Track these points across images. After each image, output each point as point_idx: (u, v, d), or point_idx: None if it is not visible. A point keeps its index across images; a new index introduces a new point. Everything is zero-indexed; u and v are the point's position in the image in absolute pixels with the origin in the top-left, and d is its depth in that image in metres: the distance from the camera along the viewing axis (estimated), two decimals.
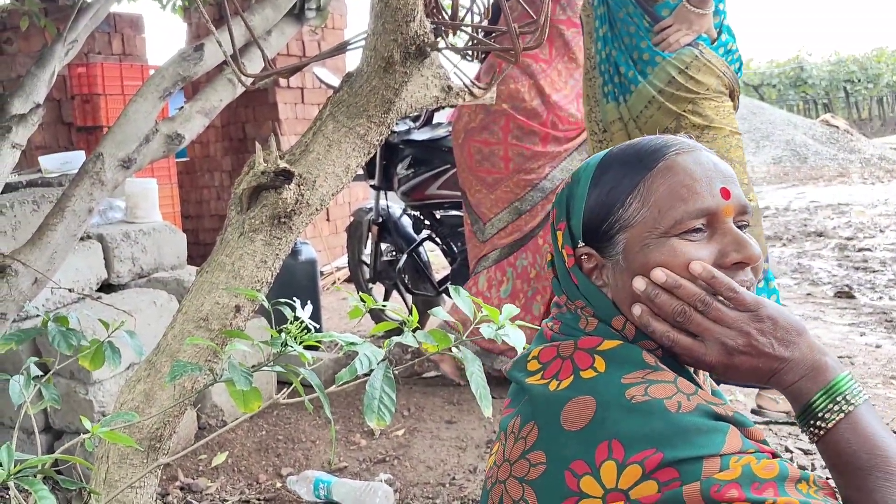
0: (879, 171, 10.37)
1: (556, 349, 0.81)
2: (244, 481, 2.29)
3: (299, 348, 1.08)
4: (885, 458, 0.69)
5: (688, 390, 0.73)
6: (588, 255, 0.84)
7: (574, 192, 0.86)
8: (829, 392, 0.73)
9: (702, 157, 0.82)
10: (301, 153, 1.35)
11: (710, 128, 2.37)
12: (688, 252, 0.78)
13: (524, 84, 2.61)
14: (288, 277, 3.43)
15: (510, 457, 0.78)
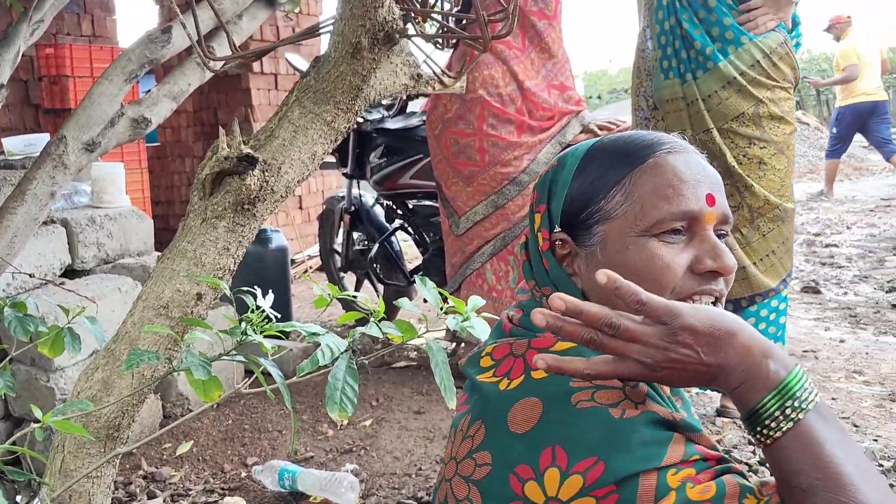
0: (847, 169, 10.52)
1: (509, 346, 0.80)
2: (209, 470, 2.26)
3: (259, 337, 1.06)
4: (827, 482, 0.63)
5: (635, 397, 0.71)
6: (563, 242, 0.83)
7: (558, 177, 0.85)
8: (775, 398, 0.66)
9: (692, 160, 0.81)
10: (266, 139, 1.32)
11: (783, 120, 2.29)
12: (663, 255, 0.76)
13: (498, 70, 2.58)
14: (258, 265, 3.40)
15: (457, 455, 0.77)
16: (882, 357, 3.08)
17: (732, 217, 0.82)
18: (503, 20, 1.35)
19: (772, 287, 2.33)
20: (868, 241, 5.68)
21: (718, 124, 2.25)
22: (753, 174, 2.26)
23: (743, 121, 2.24)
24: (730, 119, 2.24)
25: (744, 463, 2.04)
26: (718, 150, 2.25)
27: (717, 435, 2.27)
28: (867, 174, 9.91)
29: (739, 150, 2.25)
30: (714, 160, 2.27)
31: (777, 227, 2.32)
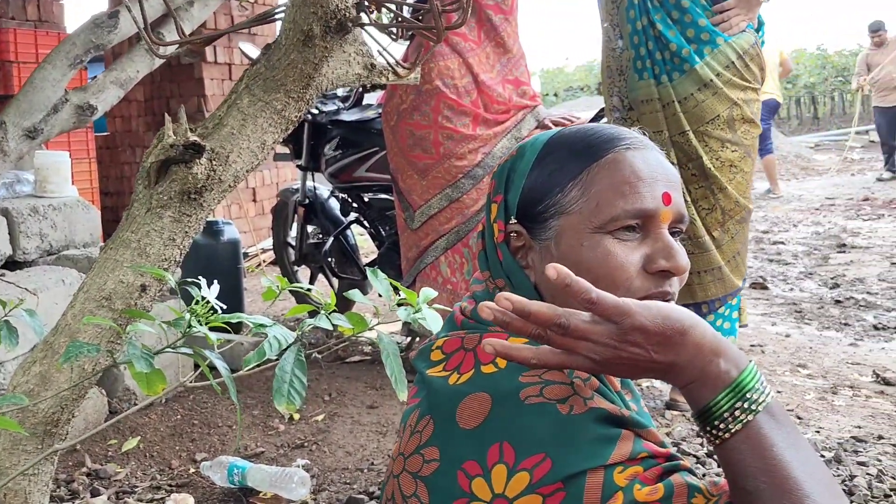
0: (795, 168, 10.79)
1: (461, 340, 0.79)
2: (156, 467, 2.21)
3: (204, 329, 1.03)
4: (774, 486, 0.63)
5: (584, 394, 0.71)
6: (518, 234, 0.82)
7: (516, 167, 0.84)
8: (726, 398, 0.65)
9: (651, 157, 0.80)
10: (214, 127, 1.29)
11: (753, 123, 2.31)
12: (618, 254, 0.76)
13: (454, 61, 2.56)
14: (209, 258, 3.35)
15: (405, 451, 0.76)
16: (825, 351, 3.16)
17: (688, 217, 0.82)
18: (458, 10, 1.34)
19: (739, 286, 2.38)
20: (813, 239, 5.83)
21: (694, 126, 2.26)
22: (726, 177, 2.29)
23: (717, 123, 2.26)
24: (705, 122, 2.26)
25: (692, 455, 2.07)
26: (695, 153, 2.26)
27: (666, 428, 2.30)
28: (814, 174, 10.17)
29: (713, 154, 2.27)
30: (690, 162, 2.29)
31: (742, 228, 2.37)
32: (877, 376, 2.80)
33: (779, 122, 17.12)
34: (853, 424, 2.33)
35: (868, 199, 7.50)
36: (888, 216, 6.55)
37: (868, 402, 2.56)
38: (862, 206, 7.21)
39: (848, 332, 3.50)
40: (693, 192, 2.31)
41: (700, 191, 2.29)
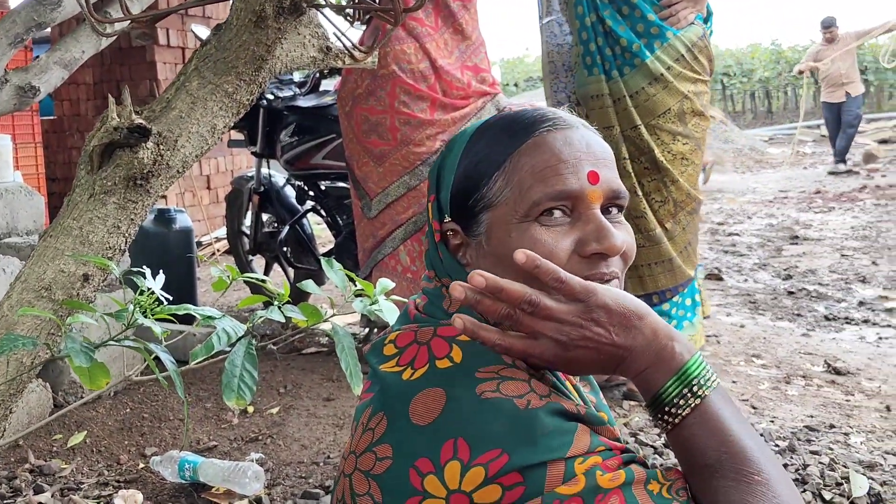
0: (749, 161, 10.99)
1: (414, 334, 0.76)
2: (103, 462, 2.14)
3: (150, 321, 0.99)
4: (733, 454, 0.66)
5: (541, 390, 0.69)
6: (454, 232, 0.79)
7: (446, 162, 0.81)
8: (679, 380, 0.68)
9: (574, 136, 0.77)
10: (161, 110, 1.24)
11: (703, 116, 2.32)
12: (546, 241, 0.73)
13: (410, 46, 2.51)
14: (160, 248, 3.26)
15: (357, 449, 0.73)
16: (778, 341, 3.21)
17: (628, 193, 0.80)
18: None
19: (691, 277, 2.40)
20: (767, 231, 5.94)
21: (646, 120, 2.27)
22: (677, 169, 2.31)
23: (669, 117, 2.27)
24: (657, 115, 2.27)
25: (650, 446, 2.08)
26: (647, 146, 2.28)
27: (623, 418, 2.30)
28: (767, 167, 10.37)
29: (665, 147, 2.29)
30: (643, 156, 2.29)
31: (693, 219, 2.39)
32: (828, 366, 2.85)
33: (734, 115, 17.44)
34: (806, 414, 2.37)
35: (819, 192, 7.66)
36: (839, 209, 6.70)
37: (820, 391, 2.61)
38: (814, 198, 7.37)
39: (800, 323, 3.56)
40: (646, 186, 2.32)
41: (653, 183, 2.31)
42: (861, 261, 4.76)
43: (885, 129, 12.08)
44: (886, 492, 1.77)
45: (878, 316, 3.62)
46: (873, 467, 1.90)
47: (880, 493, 1.76)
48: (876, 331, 3.41)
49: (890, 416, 2.35)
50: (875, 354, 3.07)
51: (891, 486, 1.81)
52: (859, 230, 5.70)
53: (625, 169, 2.29)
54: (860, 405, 2.45)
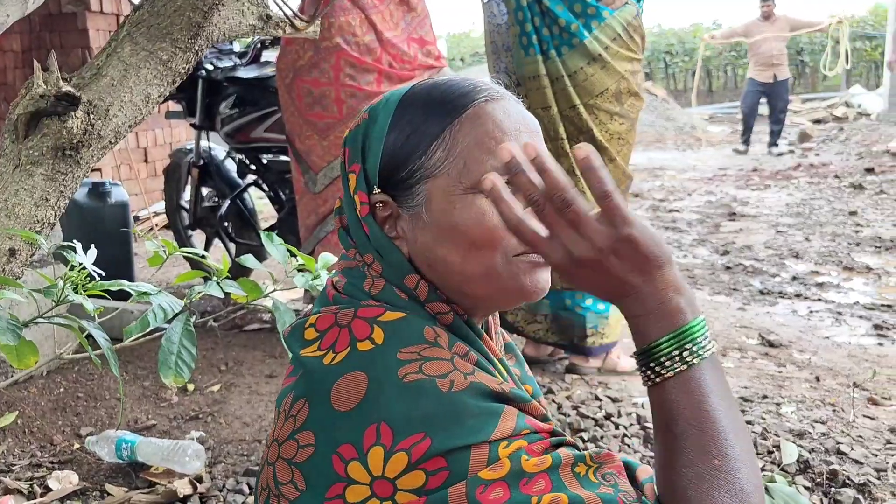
0: (690, 139, 11.20)
1: (334, 316, 0.74)
2: (36, 444, 2.07)
3: (81, 297, 0.95)
4: (702, 432, 0.65)
5: (464, 369, 0.69)
6: (384, 204, 0.76)
7: (371, 132, 0.77)
8: (675, 339, 0.66)
9: (510, 108, 0.76)
10: (92, 77, 1.18)
11: (638, 96, 2.34)
12: (492, 212, 0.72)
13: (356, 17, 2.45)
14: (95, 222, 3.15)
15: (279, 437, 0.71)
16: (715, 315, 3.30)
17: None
18: None
19: None
20: (706, 208, 6.07)
21: (584, 100, 2.29)
22: (615, 148, 2.33)
23: (606, 97, 2.29)
24: (594, 95, 2.29)
25: (591, 418, 2.12)
26: (585, 126, 2.29)
27: (566, 392, 2.34)
28: (707, 145, 10.59)
29: (602, 126, 2.31)
30: (581, 135, 2.31)
31: (626, 197, 2.43)
32: (762, 339, 2.94)
33: (676, 93, 17.72)
34: (741, 385, 2.44)
35: (757, 170, 7.87)
36: (774, 186, 6.89)
37: (754, 363, 2.69)
38: (751, 176, 7.57)
39: (736, 297, 3.66)
40: None
41: None
42: (795, 237, 4.91)
43: (818, 109, 12.47)
44: (814, 458, 1.84)
45: (810, 290, 3.75)
46: (802, 435, 1.98)
47: (808, 459, 1.83)
48: (807, 304, 3.53)
49: (819, 386, 2.44)
50: (806, 327, 3.18)
51: (818, 452, 1.88)
52: (793, 207, 5.88)
53: (563, 149, 2.30)
54: (791, 376, 2.54)
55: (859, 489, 1.72)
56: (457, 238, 0.72)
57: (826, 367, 2.64)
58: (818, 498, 1.70)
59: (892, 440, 2.00)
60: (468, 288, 0.75)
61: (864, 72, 17.66)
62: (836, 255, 4.38)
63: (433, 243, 0.74)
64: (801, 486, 1.73)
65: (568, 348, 2.51)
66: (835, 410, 2.21)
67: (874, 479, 1.76)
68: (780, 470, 1.80)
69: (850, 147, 8.71)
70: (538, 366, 2.57)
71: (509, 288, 0.74)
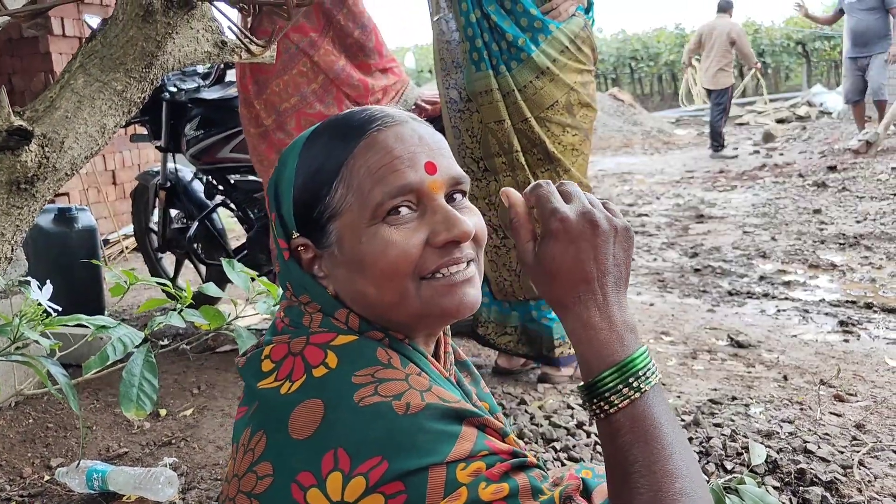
0: (658, 143, 11.33)
1: (287, 346, 0.75)
2: (5, 477, 2.04)
3: (36, 335, 0.94)
4: (655, 461, 0.65)
5: (420, 386, 0.69)
6: (304, 247, 0.78)
7: (282, 177, 0.79)
8: (624, 368, 0.68)
9: (405, 131, 0.77)
10: (45, 110, 1.18)
11: (590, 107, 2.36)
12: (397, 241, 0.73)
13: (306, 63, 2.44)
14: (62, 249, 3.12)
15: (238, 471, 0.71)
16: (685, 318, 3.34)
17: (466, 176, 0.80)
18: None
19: None
20: (674, 211, 6.14)
21: (535, 113, 2.32)
22: (569, 159, 2.36)
23: (557, 109, 2.32)
24: (545, 108, 2.32)
25: (563, 427, 2.13)
26: (538, 138, 2.32)
27: (538, 401, 2.35)
28: (674, 148, 10.72)
29: (555, 138, 2.34)
30: (535, 147, 2.34)
31: None
32: (731, 340, 2.98)
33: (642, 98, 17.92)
34: (710, 387, 2.47)
35: (723, 172, 7.98)
36: (741, 187, 6.99)
37: (724, 364, 2.73)
38: (718, 178, 7.67)
39: (706, 299, 3.71)
40: (540, 176, 2.37)
41: (547, 173, 2.36)
42: (762, 237, 4.99)
43: (782, 109, 12.67)
44: (782, 458, 1.87)
45: (777, 289, 3.81)
46: (770, 436, 2.01)
47: (776, 459, 1.86)
48: (775, 303, 3.59)
49: (787, 385, 2.48)
50: (774, 326, 3.23)
51: (786, 452, 1.91)
52: (759, 207, 5.97)
53: (518, 161, 2.33)
54: (760, 376, 2.58)
55: (826, 487, 1.75)
56: (367, 270, 0.73)
57: (794, 366, 2.68)
58: (787, 497, 1.73)
59: (857, 436, 2.04)
60: (392, 316, 0.76)
61: (824, 71, 18.00)
62: (801, 253, 4.46)
63: (349, 278, 0.75)
64: (770, 486, 1.76)
65: (538, 359, 2.52)
66: (802, 409, 2.25)
67: (840, 476, 1.79)
68: (750, 471, 1.83)
69: (813, 146, 8.87)
70: (511, 376, 2.59)
71: (431, 311, 0.75)
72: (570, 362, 2.50)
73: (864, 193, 6.00)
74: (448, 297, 0.75)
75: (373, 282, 0.74)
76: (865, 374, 2.59)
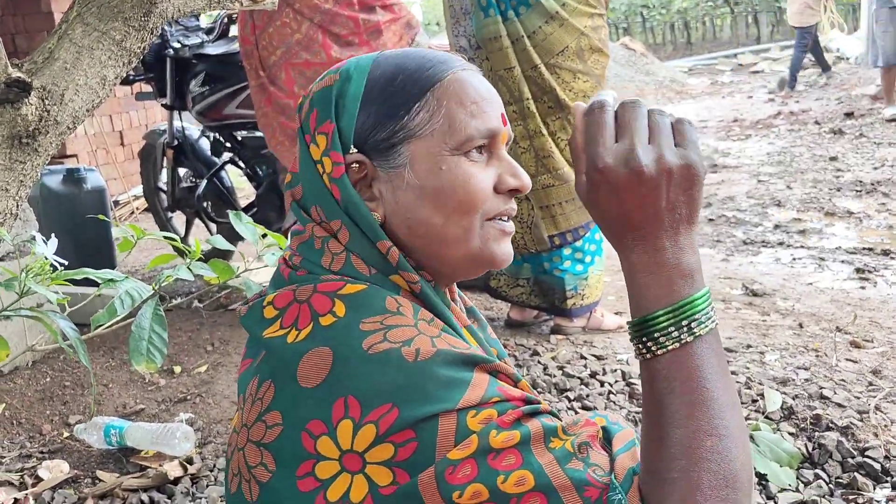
0: (670, 93, 11.16)
1: (292, 293, 0.72)
2: (25, 434, 2.07)
3: (43, 289, 0.93)
4: (695, 409, 0.62)
5: (430, 333, 0.68)
6: (359, 165, 0.75)
7: (345, 91, 0.76)
8: (673, 314, 0.63)
9: (482, 80, 0.79)
10: (44, 62, 1.15)
11: (602, 52, 2.31)
12: (477, 174, 0.74)
13: (288, 14, 2.38)
14: (72, 210, 3.12)
15: (247, 421, 0.70)
16: None
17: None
18: None
19: None
20: None
21: (545, 60, 2.27)
22: None
23: (567, 55, 2.27)
24: (555, 54, 2.26)
25: (576, 377, 2.13)
26: (548, 86, 2.27)
27: (551, 352, 2.35)
28: (688, 97, 10.55)
29: (566, 85, 2.29)
30: (545, 95, 2.29)
31: None
32: (746, 289, 2.96)
33: (654, 47, 17.62)
34: (725, 336, 2.46)
35: (737, 121, 7.86)
36: (755, 136, 6.89)
37: (738, 313, 2.71)
38: (732, 127, 7.56)
39: (720, 249, 3.68)
40: (551, 125, 2.33)
41: (558, 122, 2.32)
42: (776, 185, 4.92)
43: None
44: (798, 404, 1.86)
45: (792, 238, 3.77)
46: (786, 383, 2.00)
47: (792, 406, 1.85)
48: (790, 252, 3.55)
49: (802, 332, 2.46)
50: (789, 275, 3.20)
51: (801, 398, 1.90)
52: (774, 156, 5.88)
53: (528, 109, 2.28)
54: (775, 324, 2.56)
55: (842, 432, 1.75)
56: (442, 199, 0.73)
57: (809, 314, 2.66)
58: (802, 443, 1.72)
59: (873, 382, 2.03)
60: (444, 251, 0.75)
61: (842, 15, 17.57)
62: (817, 201, 4.40)
63: (415, 205, 0.74)
64: (786, 432, 1.75)
65: (550, 311, 2.51)
66: (818, 356, 2.23)
67: (857, 420, 1.79)
68: (765, 418, 1.82)
69: (830, 92, 8.70)
70: (524, 328, 2.58)
71: (482, 254, 0.76)
72: (583, 313, 2.49)
73: (882, 140, 5.89)
74: (500, 243, 0.76)
75: (444, 211, 0.73)
76: (882, 321, 2.57)
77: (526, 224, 2.42)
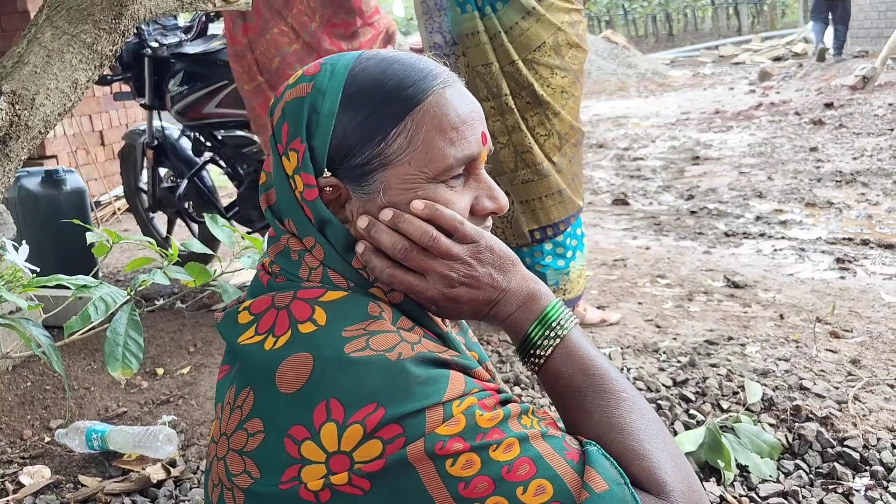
0: (652, 85, 11.20)
1: (271, 299, 0.72)
2: (6, 440, 2.05)
3: (13, 297, 0.93)
4: (598, 378, 0.73)
5: (411, 339, 0.68)
6: (333, 187, 0.73)
7: (319, 106, 0.72)
8: (544, 320, 0.75)
9: (464, 94, 0.75)
10: (14, 66, 1.14)
11: (579, 48, 2.31)
12: (454, 201, 0.74)
13: (278, 27, 2.38)
14: (51, 212, 3.08)
15: (227, 430, 0.70)
16: (682, 260, 3.33)
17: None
18: None
19: (580, 206, 2.43)
20: (670, 153, 6.09)
21: (522, 55, 2.27)
22: (558, 102, 2.31)
23: (544, 51, 2.27)
24: (532, 50, 2.27)
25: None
26: (526, 81, 2.27)
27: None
28: (670, 90, 10.59)
29: (544, 81, 2.29)
30: (523, 90, 2.29)
31: (577, 151, 2.41)
32: (727, 280, 2.97)
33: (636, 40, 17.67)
34: (706, 328, 2.47)
35: (718, 112, 7.90)
36: (736, 127, 6.93)
37: (720, 305, 2.73)
38: (713, 118, 7.59)
39: (702, 241, 3.70)
40: (529, 120, 2.33)
41: (536, 117, 2.32)
42: (758, 176, 4.95)
43: (778, 46, 12.49)
44: (778, 395, 1.87)
45: (774, 229, 3.80)
46: (766, 374, 2.02)
47: (772, 397, 1.86)
48: (771, 243, 3.58)
49: (783, 323, 2.48)
50: (770, 266, 3.22)
51: (782, 389, 1.92)
52: (755, 147, 5.92)
53: (507, 105, 2.29)
54: (756, 316, 2.58)
55: (822, 422, 1.76)
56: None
57: (790, 304, 2.68)
58: (783, 434, 1.74)
59: (852, 372, 2.05)
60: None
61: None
62: (798, 192, 4.43)
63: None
64: (766, 423, 1.77)
65: None
66: (798, 347, 2.25)
67: (836, 411, 1.80)
68: (746, 410, 1.84)
69: (810, 83, 8.76)
70: None
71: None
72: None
73: (862, 130, 5.94)
74: None
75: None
76: (861, 311, 2.59)
77: (506, 219, 2.43)
